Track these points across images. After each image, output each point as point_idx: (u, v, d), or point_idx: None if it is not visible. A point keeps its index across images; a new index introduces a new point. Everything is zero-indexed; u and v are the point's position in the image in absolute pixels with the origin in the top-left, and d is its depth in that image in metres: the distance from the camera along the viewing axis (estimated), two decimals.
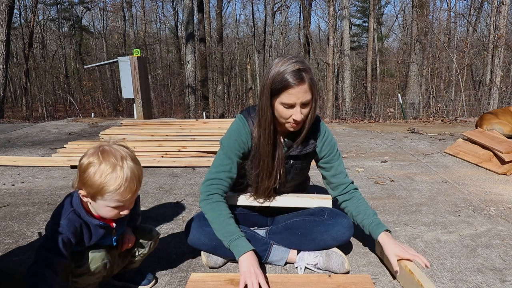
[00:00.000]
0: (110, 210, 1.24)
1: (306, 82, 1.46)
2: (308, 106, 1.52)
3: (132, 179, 1.21)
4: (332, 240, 1.64)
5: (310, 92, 1.49)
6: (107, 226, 1.31)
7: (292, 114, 1.50)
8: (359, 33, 29.35)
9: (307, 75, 1.46)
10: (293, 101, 1.47)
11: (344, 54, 16.50)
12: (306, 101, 1.49)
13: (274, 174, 1.65)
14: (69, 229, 1.22)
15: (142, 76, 6.15)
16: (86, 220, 1.27)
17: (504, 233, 2.04)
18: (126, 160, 1.21)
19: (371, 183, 2.93)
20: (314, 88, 1.50)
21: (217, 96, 19.29)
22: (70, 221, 1.23)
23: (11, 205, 2.51)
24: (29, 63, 18.60)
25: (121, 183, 1.18)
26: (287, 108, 1.49)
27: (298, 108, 1.49)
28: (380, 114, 11.90)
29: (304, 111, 1.51)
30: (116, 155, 1.20)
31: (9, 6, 9.10)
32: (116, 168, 1.18)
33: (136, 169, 1.23)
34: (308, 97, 1.48)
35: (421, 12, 12.13)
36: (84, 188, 1.20)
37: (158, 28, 29.17)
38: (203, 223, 1.64)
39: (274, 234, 1.73)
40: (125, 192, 1.20)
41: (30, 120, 9.82)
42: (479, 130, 4.02)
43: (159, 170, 3.34)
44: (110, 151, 1.21)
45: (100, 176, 1.17)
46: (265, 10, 23.52)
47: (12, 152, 4.10)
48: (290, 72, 1.45)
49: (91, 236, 1.29)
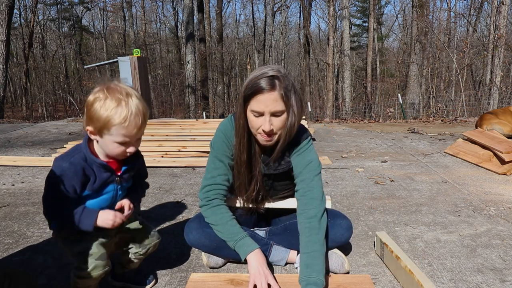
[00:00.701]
0: (117, 146, 1.24)
1: (276, 90, 1.37)
2: (280, 118, 1.41)
3: (137, 114, 1.22)
4: (331, 241, 1.63)
5: (282, 102, 1.39)
6: (109, 168, 1.30)
7: (262, 124, 1.41)
8: (359, 33, 29.36)
9: (280, 84, 1.37)
10: (262, 109, 1.38)
11: (344, 54, 16.50)
12: (276, 111, 1.39)
13: (251, 190, 1.59)
14: (73, 168, 1.24)
15: (142, 76, 6.16)
16: (90, 160, 1.27)
17: (504, 233, 2.04)
18: (131, 97, 1.22)
19: (371, 183, 2.94)
20: (288, 99, 1.40)
21: (217, 96, 19.30)
22: (72, 164, 1.25)
23: (11, 205, 2.51)
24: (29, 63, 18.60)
25: (126, 116, 1.19)
26: (257, 117, 1.41)
27: (267, 117, 1.39)
28: (380, 114, 11.90)
29: (275, 123, 1.41)
30: (122, 92, 1.22)
31: (9, 6, 9.10)
32: (121, 103, 1.20)
33: (141, 106, 1.24)
34: (279, 107, 1.39)
35: (421, 12, 12.13)
36: (91, 123, 1.22)
37: (158, 28, 29.20)
38: (203, 224, 1.63)
39: (273, 235, 1.73)
40: (130, 126, 1.21)
41: (30, 120, 9.82)
42: (479, 130, 4.02)
43: (159, 170, 3.34)
44: (115, 87, 1.23)
45: (106, 110, 1.19)
46: (265, 10, 23.53)
47: (12, 152, 4.10)
48: (262, 78, 1.37)
49: (95, 179, 1.28)
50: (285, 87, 1.39)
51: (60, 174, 1.24)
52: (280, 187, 1.68)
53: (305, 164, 1.55)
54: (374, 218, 2.26)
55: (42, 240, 1.98)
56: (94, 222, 1.26)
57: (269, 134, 1.43)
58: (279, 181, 1.65)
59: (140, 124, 1.24)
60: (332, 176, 3.12)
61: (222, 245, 1.60)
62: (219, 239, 1.59)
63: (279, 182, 1.65)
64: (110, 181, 1.32)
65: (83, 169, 1.26)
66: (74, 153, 1.28)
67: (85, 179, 1.27)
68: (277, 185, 1.66)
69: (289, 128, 1.44)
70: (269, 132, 1.42)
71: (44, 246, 1.91)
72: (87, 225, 1.25)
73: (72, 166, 1.24)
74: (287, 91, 1.39)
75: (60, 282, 1.59)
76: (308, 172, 1.55)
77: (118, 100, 1.20)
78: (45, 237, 2.01)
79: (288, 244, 1.69)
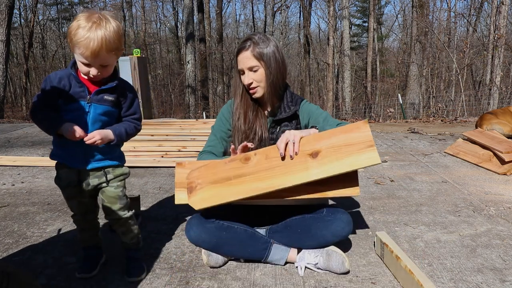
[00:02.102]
0: (81, 65, 1.39)
1: (249, 49, 1.66)
2: (257, 72, 1.68)
3: (95, 40, 1.31)
4: (331, 236, 1.65)
5: (255, 59, 1.66)
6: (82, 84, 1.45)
7: (243, 79, 1.71)
8: (359, 33, 29.35)
9: (254, 45, 1.66)
10: (240, 66, 1.69)
11: (344, 54, 16.50)
12: (251, 66, 1.67)
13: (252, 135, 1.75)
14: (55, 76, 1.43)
15: (142, 76, 6.15)
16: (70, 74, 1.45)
17: (504, 233, 2.04)
18: (106, 25, 1.34)
19: (371, 183, 2.94)
20: (262, 57, 1.66)
21: (217, 96, 19.30)
22: (56, 74, 1.45)
23: (11, 205, 2.51)
24: (29, 63, 18.60)
25: (83, 38, 1.31)
26: (242, 75, 1.71)
27: (247, 73, 1.69)
28: (380, 114, 11.90)
29: (253, 76, 1.68)
30: (99, 18, 1.34)
31: (9, 6, 9.09)
32: (91, 27, 1.31)
33: (108, 36, 1.34)
34: (252, 63, 1.66)
35: (421, 12, 12.14)
36: (70, 43, 1.37)
37: (158, 28, 29.17)
38: (204, 220, 1.67)
39: (274, 232, 1.73)
40: (84, 48, 1.32)
41: (30, 120, 9.82)
42: (479, 130, 4.02)
43: (159, 170, 3.34)
44: (97, 14, 1.35)
45: (76, 28, 1.32)
46: (265, 10, 23.53)
47: (12, 152, 4.10)
48: (241, 42, 1.69)
49: (69, 89, 1.44)
50: (259, 48, 1.66)
51: (47, 79, 1.44)
52: None
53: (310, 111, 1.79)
54: (374, 218, 2.26)
55: (42, 240, 1.98)
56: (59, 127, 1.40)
57: (249, 86, 1.70)
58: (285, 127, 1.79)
59: (95, 50, 1.33)
60: None
61: (223, 241, 1.63)
62: (219, 235, 1.62)
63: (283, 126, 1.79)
64: (81, 96, 1.45)
65: (61, 79, 1.44)
66: (62, 69, 1.49)
67: (60, 88, 1.43)
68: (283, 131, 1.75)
69: (270, 82, 1.69)
70: (248, 85, 1.70)
71: (44, 246, 1.91)
72: (53, 127, 1.41)
73: (56, 75, 1.44)
74: (260, 50, 1.66)
75: (60, 282, 1.59)
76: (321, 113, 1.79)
77: (87, 22, 1.32)
78: (45, 237, 2.01)
79: (289, 240, 1.70)
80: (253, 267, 1.69)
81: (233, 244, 1.65)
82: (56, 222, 2.21)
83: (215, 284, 1.57)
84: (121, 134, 1.50)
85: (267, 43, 1.68)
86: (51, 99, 1.43)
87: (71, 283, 1.58)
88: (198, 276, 1.63)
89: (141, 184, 2.95)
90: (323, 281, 1.58)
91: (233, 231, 1.66)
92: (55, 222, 2.21)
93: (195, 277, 1.62)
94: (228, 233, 1.65)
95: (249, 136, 1.76)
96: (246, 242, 1.66)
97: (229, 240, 1.65)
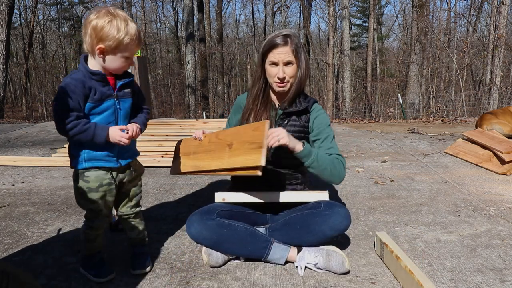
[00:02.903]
0: (124, 61, 1.44)
1: (288, 45, 1.72)
2: (291, 67, 1.74)
3: (139, 33, 1.44)
4: (330, 230, 1.65)
5: (293, 55, 1.72)
6: (107, 82, 1.46)
7: (277, 73, 1.73)
8: (359, 33, 29.35)
9: (291, 41, 1.72)
10: (277, 59, 1.72)
11: (344, 54, 16.50)
12: (288, 61, 1.72)
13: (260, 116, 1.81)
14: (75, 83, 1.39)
15: (142, 76, 6.15)
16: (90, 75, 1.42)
17: (504, 233, 2.04)
18: (128, 19, 1.41)
19: (371, 183, 2.94)
20: (298, 54, 1.74)
21: (217, 96, 19.30)
22: (73, 79, 1.40)
23: (11, 205, 2.51)
24: (29, 63, 18.61)
25: (134, 34, 1.41)
26: (273, 68, 1.75)
27: (281, 67, 1.73)
28: (380, 114, 11.90)
29: (287, 71, 1.74)
30: (123, 14, 1.41)
31: (9, 6, 9.09)
32: (128, 23, 1.39)
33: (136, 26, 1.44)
34: (290, 58, 1.72)
35: (421, 12, 12.14)
36: (102, 42, 1.38)
37: (158, 28, 29.18)
38: (205, 216, 1.67)
39: (274, 231, 1.74)
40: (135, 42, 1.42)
41: (30, 120, 9.83)
42: (479, 130, 4.02)
43: (159, 170, 3.34)
44: (115, 11, 1.40)
45: (119, 30, 1.37)
46: (265, 10, 23.52)
47: (12, 152, 4.10)
48: (278, 36, 1.73)
49: (95, 92, 1.43)
50: (295, 44, 1.73)
51: (64, 86, 1.38)
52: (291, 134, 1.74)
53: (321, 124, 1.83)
54: (374, 218, 2.26)
55: (42, 240, 1.98)
56: (107, 136, 1.42)
57: (282, 80, 1.76)
58: (293, 127, 1.82)
59: (139, 37, 1.44)
60: None
61: (223, 238, 1.64)
62: (220, 232, 1.64)
63: (292, 128, 1.81)
64: (109, 94, 1.46)
65: (83, 83, 1.41)
66: (74, 72, 1.44)
67: (86, 92, 1.41)
68: (289, 129, 1.79)
69: (299, 78, 1.77)
70: (282, 79, 1.75)
71: (44, 246, 1.91)
72: (101, 136, 1.41)
73: (73, 80, 1.40)
74: (297, 47, 1.74)
75: (60, 282, 1.59)
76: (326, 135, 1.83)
77: (125, 21, 1.38)
78: (45, 237, 2.01)
79: (288, 238, 1.70)
80: (253, 267, 1.69)
81: (233, 241, 1.66)
82: (56, 222, 2.21)
83: (215, 284, 1.57)
84: (145, 124, 1.60)
85: (300, 41, 1.78)
86: (78, 107, 1.40)
87: (71, 283, 1.58)
88: (198, 276, 1.63)
89: None
90: (323, 281, 1.59)
91: (233, 228, 1.67)
92: (55, 222, 2.21)
93: (195, 277, 1.62)
94: (228, 230, 1.66)
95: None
96: (247, 240, 1.66)
97: (229, 237, 1.65)
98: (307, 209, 1.72)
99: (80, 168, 1.48)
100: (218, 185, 2.88)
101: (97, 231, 1.59)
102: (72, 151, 1.49)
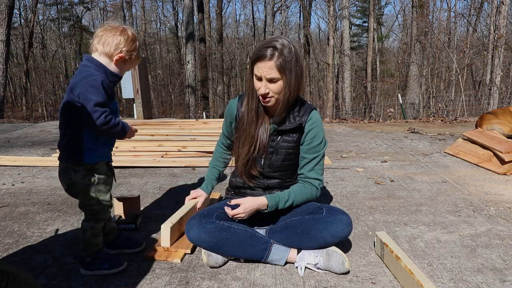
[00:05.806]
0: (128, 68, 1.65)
1: (273, 60, 1.57)
2: (276, 84, 1.61)
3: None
4: (331, 237, 1.64)
5: (277, 71, 1.58)
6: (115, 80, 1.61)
7: (260, 87, 1.64)
8: (359, 33, 29.36)
9: (279, 56, 1.57)
10: (260, 73, 1.61)
11: (344, 54, 16.49)
12: (271, 78, 1.59)
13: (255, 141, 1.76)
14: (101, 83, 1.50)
15: (142, 76, 6.14)
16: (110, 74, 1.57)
17: (504, 233, 2.04)
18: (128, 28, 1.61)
19: (371, 183, 2.94)
20: (284, 70, 1.58)
21: (217, 96, 19.30)
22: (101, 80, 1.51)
23: (11, 205, 2.50)
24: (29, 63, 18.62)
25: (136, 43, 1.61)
26: (257, 80, 1.64)
27: (264, 82, 1.62)
28: (380, 114, 11.91)
29: (271, 87, 1.62)
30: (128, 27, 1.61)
31: (9, 6, 9.09)
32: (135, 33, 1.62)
33: None
34: (274, 75, 1.59)
35: (421, 12, 12.14)
36: (126, 53, 1.58)
37: (158, 28, 29.18)
38: (204, 220, 1.67)
39: (274, 233, 1.73)
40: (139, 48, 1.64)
41: (30, 120, 9.82)
42: (479, 130, 4.02)
43: (159, 170, 3.34)
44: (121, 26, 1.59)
45: (133, 41, 1.59)
46: (265, 10, 23.53)
47: (12, 152, 4.10)
48: (267, 48, 1.58)
49: (111, 91, 1.58)
50: (283, 59, 1.58)
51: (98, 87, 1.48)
52: (284, 150, 1.77)
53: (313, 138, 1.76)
54: (374, 218, 2.26)
55: (42, 240, 1.98)
56: (128, 131, 1.63)
57: (264, 96, 1.64)
58: (286, 143, 1.77)
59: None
60: (332, 176, 3.12)
61: (223, 241, 1.63)
62: (219, 235, 1.63)
63: (285, 144, 1.77)
64: (114, 94, 1.62)
65: (107, 83, 1.54)
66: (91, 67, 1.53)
67: (110, 90, 1.56)
68: (282, 145, 1.77)
69: (287, 95, 1.64)
70: (264, 95, 1.64)
71: (44, 246, 1.91)
72: (125, 131, 1.59)
73: (102, 79, 1.51)
74: (284, 62, 1.58)
75: (60, 282, 1.59)
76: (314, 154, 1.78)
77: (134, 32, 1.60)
78: (45, 237, 2.01)
79: (289, 241, 1.70)
80: (253, 267, 1.69)
81: (233, 244, 1.66)
82: (56, 222, 2.21)
83: (215, 284, 1.57)
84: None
85: (291, 54, 1.59)
86: (108, 104, 1.54)
87: (71, 283, 1.58)
88: (198, 276, 1.63)
89: (141, 184, 2.95)
90: (323, 281, 1.59)
91: (233, 231, 1.66)
92: (55, 222, 2.21)
93: (195, 277, 1.62)
94: (228, 233, 1.65)
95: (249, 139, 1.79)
96: (246, 242, 1.66)
97: (229, 240, 1.65)
98: (308, 213, 1.72)
99: (93, 163, 1.59)
100: (218, 185, 2.88)
101: (102, 223, 1.69)
102: (85, 145, 1.55)
